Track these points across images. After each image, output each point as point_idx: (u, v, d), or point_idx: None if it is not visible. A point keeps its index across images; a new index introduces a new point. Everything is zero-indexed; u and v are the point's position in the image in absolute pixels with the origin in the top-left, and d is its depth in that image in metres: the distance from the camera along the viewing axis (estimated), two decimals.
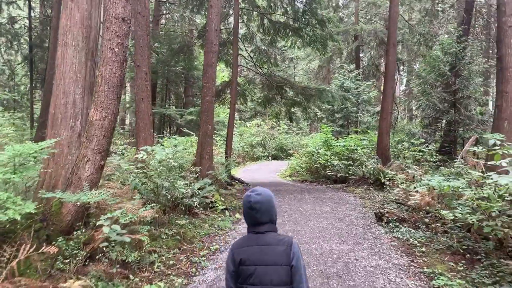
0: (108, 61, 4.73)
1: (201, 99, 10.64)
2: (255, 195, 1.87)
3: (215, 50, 10.45)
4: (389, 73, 11.58)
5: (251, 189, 1.93)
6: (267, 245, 1.80)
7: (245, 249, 1.83)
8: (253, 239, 1.84)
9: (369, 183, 11.15)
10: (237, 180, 11.92)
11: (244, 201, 1.90)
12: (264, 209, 1.85)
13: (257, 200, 1.85)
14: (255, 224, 1.85)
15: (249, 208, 1.86)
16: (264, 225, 1.85)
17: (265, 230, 1.84)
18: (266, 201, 1.87)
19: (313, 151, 14.99)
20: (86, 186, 4.67)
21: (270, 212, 1.87)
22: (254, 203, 1.84)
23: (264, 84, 14.36)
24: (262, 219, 1.84)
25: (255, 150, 22.91)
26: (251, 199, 1.86)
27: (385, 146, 11.65)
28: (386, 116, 11.54)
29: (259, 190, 1.92)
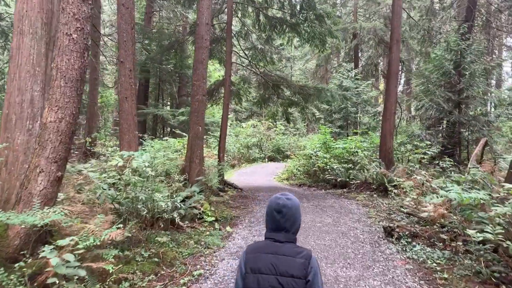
0: (65, 50, 3.83)
1: (191, 98, 9.74)
2: (286, 198, 1.80)
3: (206, 46, 9.55)
4: (393, 71, 10.73)
5: (281, 192, 1.86)
6: (285, 255, 1.70)
7: (261, 256, 1.73)
8: (270, 246, 1.75)
9: (372, 188, 10.29)
10: (230, 186, 11.03)
11: (272, 202, 1.81)
12: (290, 214, 1.77)
13: (286, 204, 1.78)
14: (276, 229, 1.77)
15: (276, 210, 1.77)
16: (285, 233, 1.76)
17: (285, 239, 1.75)
18: (294, 208, 1.80)
19: (311, 154, 14.13)
20: (37, 202, 3.76)
21: (295, 220, 1.79)
22: (283, 206, 1.77)
23: (260, 83, 13.48)
24: (286, 226, 1.76)
25: (251, 151, 22.02)
26: (280, 201, 1.78)
27: (388, 149, 10.81)
28: (389, 116, 10.70)
29: (289, 195, 1.84)
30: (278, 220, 1.76)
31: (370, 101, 16.82)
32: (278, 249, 1.72)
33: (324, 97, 11.58)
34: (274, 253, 1.71)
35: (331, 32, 11.94)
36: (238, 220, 7.36)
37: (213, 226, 6.88)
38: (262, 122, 25.05)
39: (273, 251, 1.72)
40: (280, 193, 1.85)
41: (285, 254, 1.70)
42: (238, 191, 10.96)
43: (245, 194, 10.55)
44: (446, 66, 13.10)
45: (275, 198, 1.81)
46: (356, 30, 19.14)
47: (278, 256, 1.70)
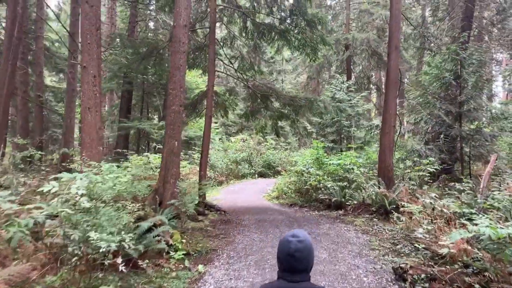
0: None
1: (167, 109, 8.49)
2: (297, 242, 1.70)
3: (183, 50, 8.36)
4: (391, 79, 9.64)
5: (291, 232, 1.76)
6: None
7: None
8: (285, 286, 1.68)
9: (371, 211, 9.03)
10: (212, 208, 9.68)
11: (283, 246, 1.72)
12: (303, 257, 1.69)
13: (298, 248, 1.68)
14: (291, 271, 1.69)
15: (289, 255, 1.69)
16: (300, 274, 1.69)
17: (300, 279, 1.68)
18: (307, 250, 1.71)
19: (303, 170, 12.88)
20: None
21: (308, 261, 1.71)
22: (295, 251, 1.68)
23: (247, 94, 12.30)
24: (300, 267, 1.69)
25: (240, 167, 20.70)
26: (292, 246, 1.69)
27: (387, 166, 9.61)
28: (388, 130, 9.55)
29: (300, 235, 1.73)
30: (292, 264, 1.68)
31: (365, 114, 15.76)
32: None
33: (317, 108, 10.42)
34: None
35: (323, 39, 10.88)
36: (215, 254, 6.02)
37: (183, 264, 5.54)
38: (252, 136, 23.84)
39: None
40: (291, 234, 1.74)
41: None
42: (221, 214, 9.61)
43: (228, 218, 9.21)
44: (446, 77, 12.09)
45: (287, 242, 1.71)
46: (349, 41, 18.22)
47: None
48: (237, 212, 10.22)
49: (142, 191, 7.18)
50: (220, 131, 24.68)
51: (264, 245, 6.41)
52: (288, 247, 1.68)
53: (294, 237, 1.71)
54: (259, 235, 7.22)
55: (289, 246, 1.68)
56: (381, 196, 8.83)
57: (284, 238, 1.74)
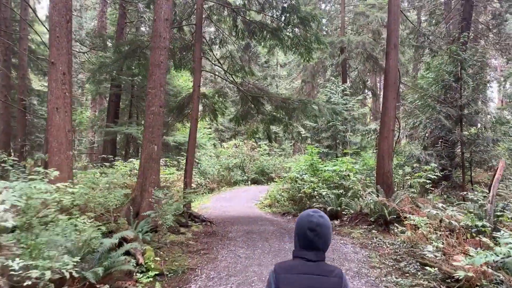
0: None
1: (146, 110, 7.68)
2: (318, 216, 1.66)
3: (164, 46, 7.60)
4: (390, 80, 8.92)
5: (311, 209, 1.70)
6: (320, 275, 1.59)
7: (293, 277, 1.60)
8: (303, 266, 1.61)
9: (369, 221, 8.24)
10: (197, 218, 8.83)
11: (303, 220, 1.66)
12: (323, 233, 1.63)
13: (320, 222, 1.64)
14: (309, 248, 1.63)
15: (309, 229, 1.63)
16: (317, 252, 1.63)
17: (316, 258, 1.63)
18: (327, 226, 1.66)
19: (297, 177, 12.09)
20: None
21: (327, 239, 1.65)
22: (316, 224, 1.63)
23: (238, 96, 11.53)
24: (318, 244, 1.63)
25: (233, 173, 19.86)
26: (314, 220, 1.64)
27: (386, 173, 8.84)
28: (387, 134, 8.79)
29: (321, 212, 1.69)
30: (311, 239, 1.63)
31: (361, 119, 15.06)
32: (312, 269, 1.61)
33: (311, 111, 9.65)
34: (308, 273, 1.60)
35: (318, 38, 10.18)
36: (193, 274, 5.17)
37: (153, 287, 4.69)
38: (245, 142, 23.04)
39: (307, 271, 1.61)
40: (312, 210, 1.71)
41: (319, 274, 1.60)
42: (206, 224, 8.76)
43: (214, 229, 8.36)
44: (446, 79, 11.42)
45: (307, 216, 1.67)
46: (344, 44, 17.57)
47: (313, 276, 1.60)
48: (224, 223, 9.38)
49: (113, 202, 6.33)
50: (213, 136, 23.86)
51: (250, 263, 5.57)
52: (309, 220, 1.64)
53: (315, 212, 1.68)
54: (246, 250, 6.38)
55: (311, 220, 1.64)
56: (380, 205, 8.05)
57: (303, 214, 1.70)
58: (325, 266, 1.64)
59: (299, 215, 1.72)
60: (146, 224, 6.44)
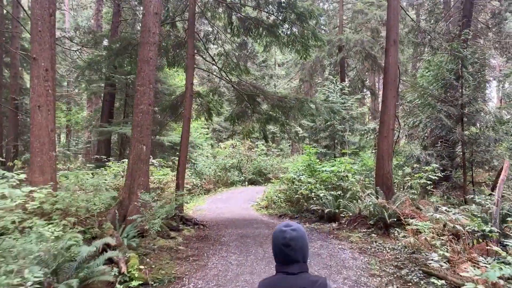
0: None
1: (134, 108, 7.31)
2: (291, 230, 1.64)
3: (154, 42, 7.22)
4: (390, 77, 8.56)
5: (283, 223, 1.69)
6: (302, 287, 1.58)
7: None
8: (285, 280, 1.60)
9: (368, 224, 7.86)
10: (189, 221, 8.44)
11: (277, 236, 1.65)
12: (299, 246, 1.63)
13: (293, 236, 1.62)
14: (287, 262, 1.62)
15: (283, 245, 1.62)
16: (297, 265, 1.62)
17: (298, 270, 1.61)
18: (301, 238, 1.65)
19: (294, 178, 11.72)
20: None
21: (304, 250, 1.65)
22: (290, 239, 1.61)
23: (233, 95, 11.16)
24: (296, 257, 1.62)
25: (229, 174, 19.48)
26: (287, 235, 1.62)
27: (386, 173, 8.47)
28: (387, 133, 8.43)
29: (293, 225, 1.68)
30: (288, 254, 1.61)
31: (360, 118, 14.69)
32: (294, 282, 1.59)
33: (307, 109, 9.28)
34: (290, 286, 1.59)
35: (315, 35, 9.80)
36: (180, 284, 4.80)
37: None
38: (243, 142, 22.66)
39: (289, 284, 1.59)
40: (284, 224, 1.68)
41: (302, 286, 1.58)
42: (199, 228, 8.38)
43: (207, 233, 7.98)
44: (447, 77, 11.06)
45: (280, 232, 1.65)
46: (342, 43, 17.22)
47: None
48: (218, 226, 9.01)
49: (98, 205, 5.95)
50: (210, 136, 23.46)
51: (242, 271, 5.20)
52: (282, 237, 1.63)
53: (287, 226, 1.66)
54: (238, 256, 6.01)
55: (283, 236, 1.63)
56: (380, 207, 7.68)
57: (277, 229, 1.68)
58: (307, 277, 1.61)
59: (273, 232, 1.68)
60: (133, 228, 6.07)
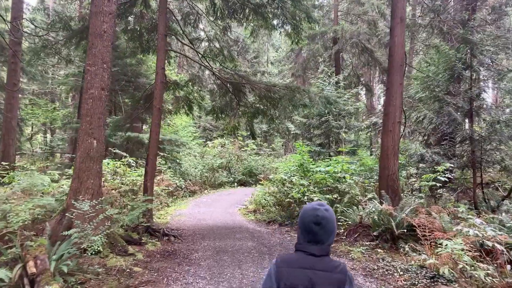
0: None
1: (83, 94, 5.81)
2: (324, 209, 1.61)
3: (109, 11, 5.73)
4: (396, 61, 7.16)
5: (316, 202, 1.65)
6: (323, 271, 1.52)
7: (296, 271, 1.53)
8: (305, 260, 1.55)
9: (371, 236, 6.45)
10: (157, 232, 6.94)
11: (308, 214, 1.60)
12: (328, 227, 1.58)
13: (325, 216, 1.59)
14: (313, 242, 1.57)
15: (314, 223, 1.57)
16: (322, 246, 1.57)
17: (320, 253, 1.56)
18: (333, 220, 1.62)
19: (284, 179, 10.28)
20: None
21: (332, 232, 1.61)
22: (322, 218, 1.58)
23: (216, 85, 9.68)
24: (323, 238, 1.57)
25: (217, 174, 17.97)
26: (319, 213, 1.58)
27: (392, 174, 7.07)
28: (392, 127, 7.03)
29: (326, 205, 1.64)
30: (316, 232, 1.57)
31: (356, 114, 13.33)
32: (315, 264, 1.54)
33: (299, 100, 7.83)
34: (311, 268, 1.53)
35: (308, 15, 8.39)
36: None
37: None
38: (233, 141, 21.17)
39: (310, 265, 1.53)
40: (317, 203, 1.65)
41: (323, 269, 1.53)
42: (169, 240, 6.88)
43: (176, 247, 6.48)
44: (457, 66, 9.70)
45: (313, 209, 1.61)
46: (337, 34, 15.84)
47: (315, 271, 1.52)
48: (194, 236, 7.52)
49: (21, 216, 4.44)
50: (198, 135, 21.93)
51: None
52: (315, 214, 1.58)
53: (320, 205, 1.63)
54: (208, 282, 4.54)
55: (315, 213, 1.58)
56: (386, 215, 6.26)
57: (309, 206, 1.64)
58: (329, 261, 1.57)
59: (303, 207, 1.64)
60: (70, 247, 4.56)
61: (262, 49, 29.11)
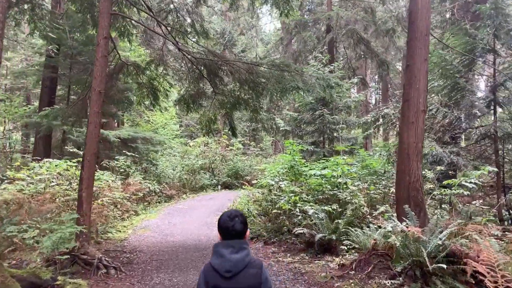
0: None
1: None
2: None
3: None
4: (418, 29, 5.17)
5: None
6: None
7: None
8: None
9: (391, 272, 4.44)
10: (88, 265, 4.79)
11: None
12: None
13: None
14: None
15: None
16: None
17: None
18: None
19: (271, 185, 8.25)
20: None
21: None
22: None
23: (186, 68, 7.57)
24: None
25: (199, 177, 15.84)
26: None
27: (414, 182, 5.09)
28: (415, 117, 5.05)
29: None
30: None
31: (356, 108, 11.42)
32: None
33: (290, 82, 5.79)
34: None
35: None
36: None
37: None
38: (219, 140, 19.06)
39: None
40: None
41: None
42: (107, 274, 4.76)
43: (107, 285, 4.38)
44: (477, 47, 7.83)
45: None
46: (331, 21, 13.91)
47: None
48: (148, 264, 5.45)
49: None
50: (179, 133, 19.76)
51: None
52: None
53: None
54: None
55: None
56: (413, 241, 4.27)
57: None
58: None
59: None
60: None
61: (250, 44, 27.04)
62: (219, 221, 1.84)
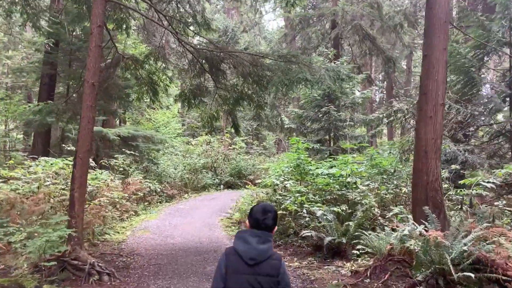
0: None
1: None
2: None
3: None
4: (437, 16, 4.72)
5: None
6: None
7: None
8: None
9: (412, 280, 4.01)
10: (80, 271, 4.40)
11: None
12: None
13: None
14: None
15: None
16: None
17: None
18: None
19: (276, 184, 7.85)
20: None
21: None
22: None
23: (186, 60, 7.18)
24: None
25: (201, 176, 15.44)
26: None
27: (433, 181, 4.65)
28: (433, 111, 4.61)
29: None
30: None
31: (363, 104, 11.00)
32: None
33: (297, 74, 5.34)
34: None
35: None
36: None
37: None
38: (221, 139, 18.66)
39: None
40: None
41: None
42: (99, 281, 4.37)
43: None
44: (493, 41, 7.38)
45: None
46: (337, 16, 13.48)
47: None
48: (146, 269, 5.06)
49: None
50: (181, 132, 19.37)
51: None
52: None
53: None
54: None
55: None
56: (435, 247, 3.84)
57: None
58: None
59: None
60: None
61: (253, 42, 26.58)
62: (251, 210, 1.89)
